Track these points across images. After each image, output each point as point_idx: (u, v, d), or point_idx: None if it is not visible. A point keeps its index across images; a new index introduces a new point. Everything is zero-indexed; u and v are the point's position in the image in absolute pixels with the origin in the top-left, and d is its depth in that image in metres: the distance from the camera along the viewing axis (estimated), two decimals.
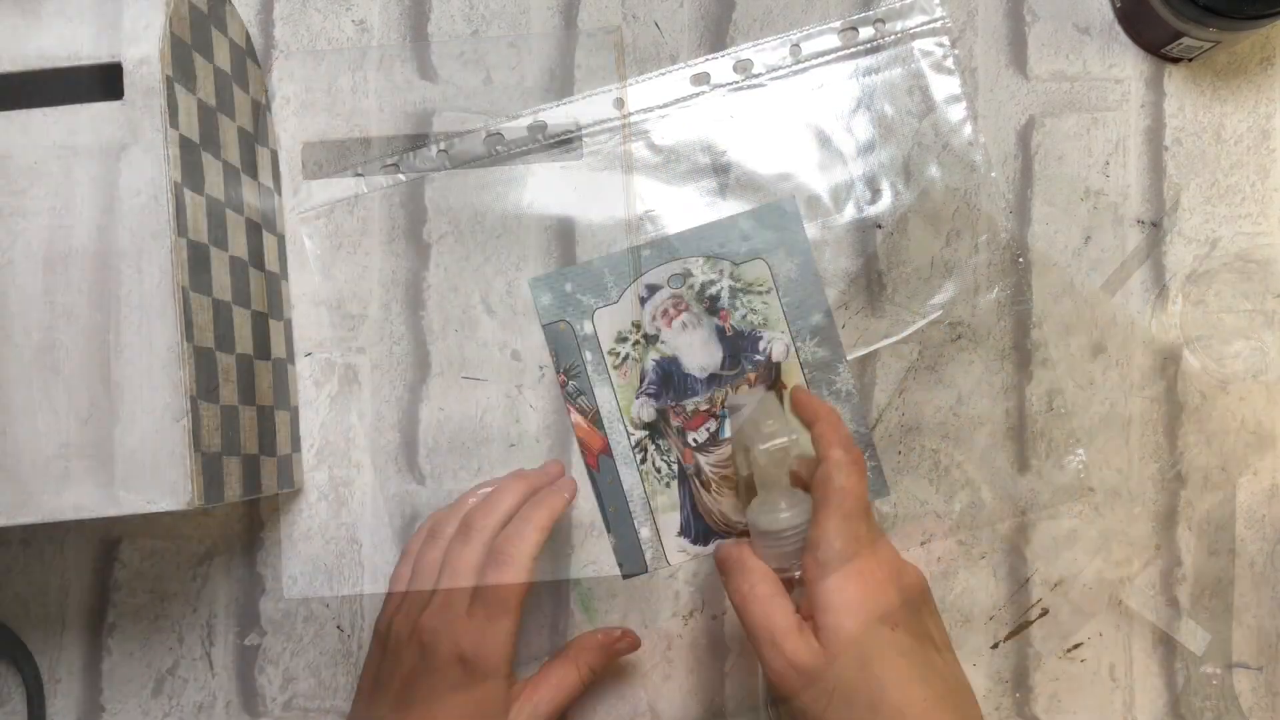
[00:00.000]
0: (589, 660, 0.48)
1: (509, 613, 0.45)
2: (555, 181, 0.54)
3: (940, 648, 0.41)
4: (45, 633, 0.54)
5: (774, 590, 0.41)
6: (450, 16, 0.55)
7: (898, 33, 0.54)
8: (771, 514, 0.42)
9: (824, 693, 0.38)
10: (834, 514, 0.40)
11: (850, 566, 0.39)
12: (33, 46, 0.41)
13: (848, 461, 0.41)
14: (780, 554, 0.42)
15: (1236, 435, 0.53)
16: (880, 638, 0.38)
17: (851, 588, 0.39)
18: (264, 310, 0.50)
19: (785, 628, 0.39)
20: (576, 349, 0.54)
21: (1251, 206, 0.54)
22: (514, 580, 0.45)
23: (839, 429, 0.43)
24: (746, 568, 0.41)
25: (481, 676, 0.44)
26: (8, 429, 0.40)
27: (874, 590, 0.39)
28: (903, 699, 0.38)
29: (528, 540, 0.46)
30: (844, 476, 0.41)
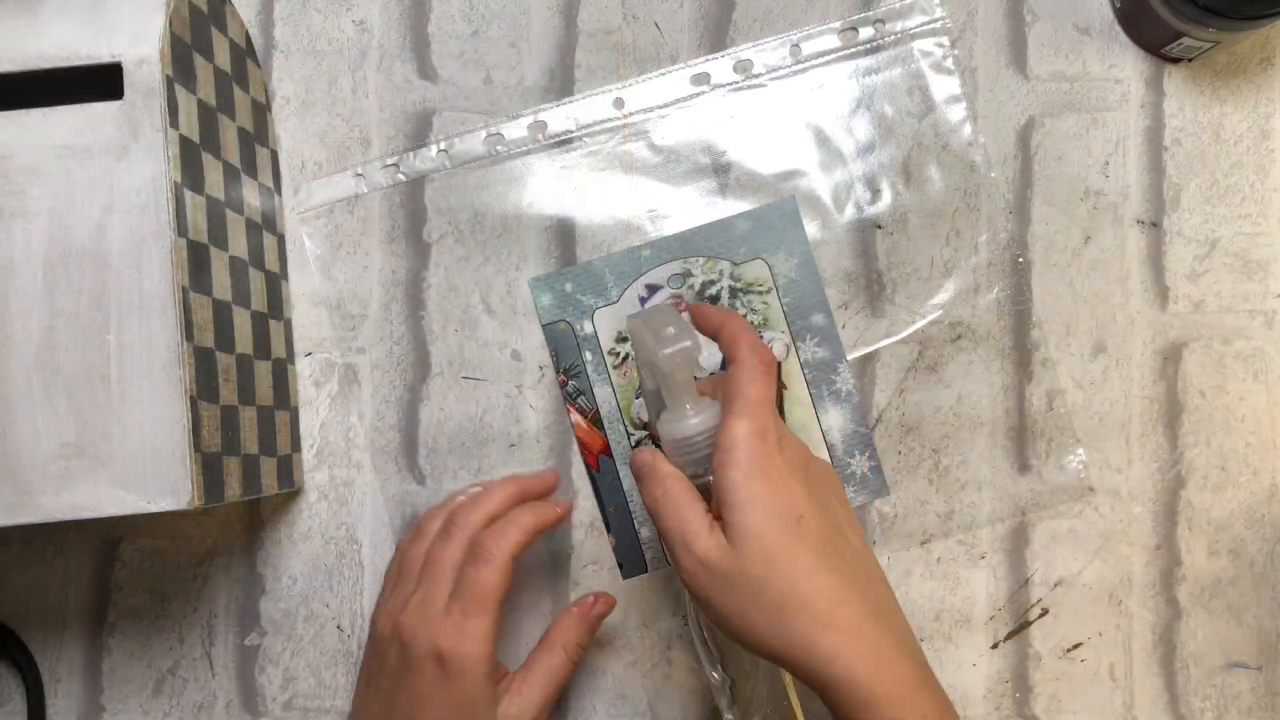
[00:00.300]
0: (572, 639, 0.48)
1: (485, 611, 0.44)
2: (555, 181, 0.54)
3: (849, 537, 0.41)
4: (45, 632, 0.54)
5: (685, 493, 0.41)
6: (450, 16, 0.55)
7: (897, 33, 0.54)
8: (680, 421, 0.42)
9: (733, 589, 0.38)
10: (740, 414, 0.40)
11: (755, 464, 0.39)
12: (33, 46, 0.41)
13: (753, 361, 0.41)
14: (693, 460, 0.42)
15: (1236, 435, 0.53)
16: (786, 531, 0.38)
17: (756, 484, 0.38)
18: (264, 310, 0.50)
19: (696, 528, 0.39)
20: (576, 349, 0.54)
21: (1251, 206, 0.54)
22: (490, 578, 0.45)
23: (744, 331, 0.43)
24: (659, 473, 0.41)
25: (459, 674, 0.44)
26: (8, 429, 0.40)
27: (779, 485, 0.39)
28: (809, 589, 0.38)
29: (508, 539, 0.46)
30: (748, 375, 0.41)
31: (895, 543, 0.53)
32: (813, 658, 0.38)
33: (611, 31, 0.55)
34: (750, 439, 0.39)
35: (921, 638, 0.53)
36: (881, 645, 0.38)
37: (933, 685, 0.39)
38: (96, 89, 0.41)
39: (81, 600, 0.54)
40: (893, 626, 0.39)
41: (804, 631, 0.38)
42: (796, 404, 0.53)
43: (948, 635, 0.53)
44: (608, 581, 0.53)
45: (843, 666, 0.37)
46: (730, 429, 0.39)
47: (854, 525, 0.42)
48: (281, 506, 0.54)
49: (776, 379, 0.41)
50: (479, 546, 0.46)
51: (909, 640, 0.40)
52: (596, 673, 0.53)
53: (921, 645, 0.52)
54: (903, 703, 0.37)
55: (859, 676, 0.37)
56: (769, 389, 0.41)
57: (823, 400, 0.53)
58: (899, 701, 0.37)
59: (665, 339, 0.42)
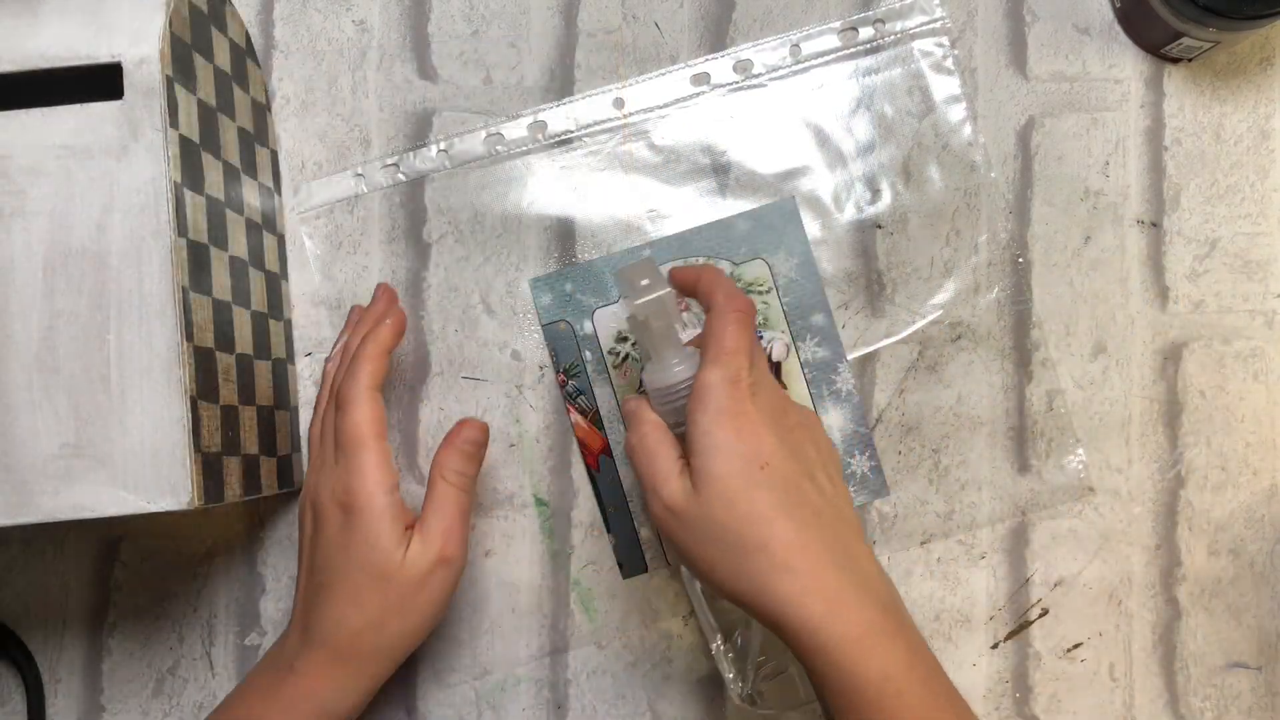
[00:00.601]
0: (449, 465, 0.47)
1: (363, 446, 0.45)
2: (555, 181, 0.54)
3: (820, 483, 0.41)
4: (46, 633, 0.54)
5: (661, 439, 0.41)
6: (450, 16, 0.55)
7: (897, 33, 0.54)
8: (663, 370, 0.43)
9: (696, 532, 0.39)
10: (712, 361, 0.40)
11: (724, 411, 0.39)
12: (33, 46, 0.41)
13: (728, 308, 0.41)
14: (674, 409, 0.42)
15: (1236, 435, 0.53)
16: (748, 477, 0.39)
17: (722, 431, 0.39)
18: (264, 310, 0.50)
19: (666, 472, 0.40)
20: (576, 349, 0.54)
21: (1251, 206, 0.54)
22: (354, 415, 0.45)
23: (720, 279, 0.43)
24: (640, 419, 0.42)
25: (357, 510, 0.44)
26: (8, 429, 0.40)
27: (746, 432, 0.39)
28: (767, 534, 0.38)
29: (359, 376, 0.46)
30: (722, 323, 0.41)
31: (895, 543, 0.53)
32: (770, 600, 0.38)
33: (611, 31, 0.55)
34: (721, 385, 0.39)
35: None
36: (842, 589, 0.38)
37: (898, 631, 0.39)
38: (96, 89, 0.41)
39: (81, 600, 0.54)
40: (857, 572, 0.39)
41: (761, 574, 0.38)
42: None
43: (948, 635, 0.53)
44: (608, 581, 0.53)
45: (797, 609, 0.38)
46: (703, 376, 0.40)
47: (831, 472, 0.42)
48: (281, 506, 0.54)
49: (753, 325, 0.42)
50: (339, 396, 0.46)
51: (875, 585, 0.40)
52: (596, 673, 0.53)
53: None
54: (859, 646, 0.37)
55: (815, 620, 0.37)
56: (744, 337, 0.41)
57: (823, 400, 0.53)
58: (856, 645, 0.37)
59: (639, 289, 0.43)
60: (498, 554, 0.53)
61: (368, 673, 0.46)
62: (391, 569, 0.44)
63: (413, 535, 0.45)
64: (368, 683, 0.46)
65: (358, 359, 0.47)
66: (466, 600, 0.53)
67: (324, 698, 0.45)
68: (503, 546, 0.54)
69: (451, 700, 0.53)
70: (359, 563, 0.45)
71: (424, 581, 0.45)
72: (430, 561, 0.45)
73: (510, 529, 0.54)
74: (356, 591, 0.45)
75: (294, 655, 0.46)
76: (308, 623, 0.46)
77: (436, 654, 0.53)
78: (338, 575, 0.45)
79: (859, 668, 0.37)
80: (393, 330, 0.49)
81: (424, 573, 0.45)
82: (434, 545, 0.45)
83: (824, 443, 0.43)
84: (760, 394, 0.40)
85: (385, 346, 0.48)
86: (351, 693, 0.46)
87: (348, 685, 0.46)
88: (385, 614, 0.45)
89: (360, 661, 0.46)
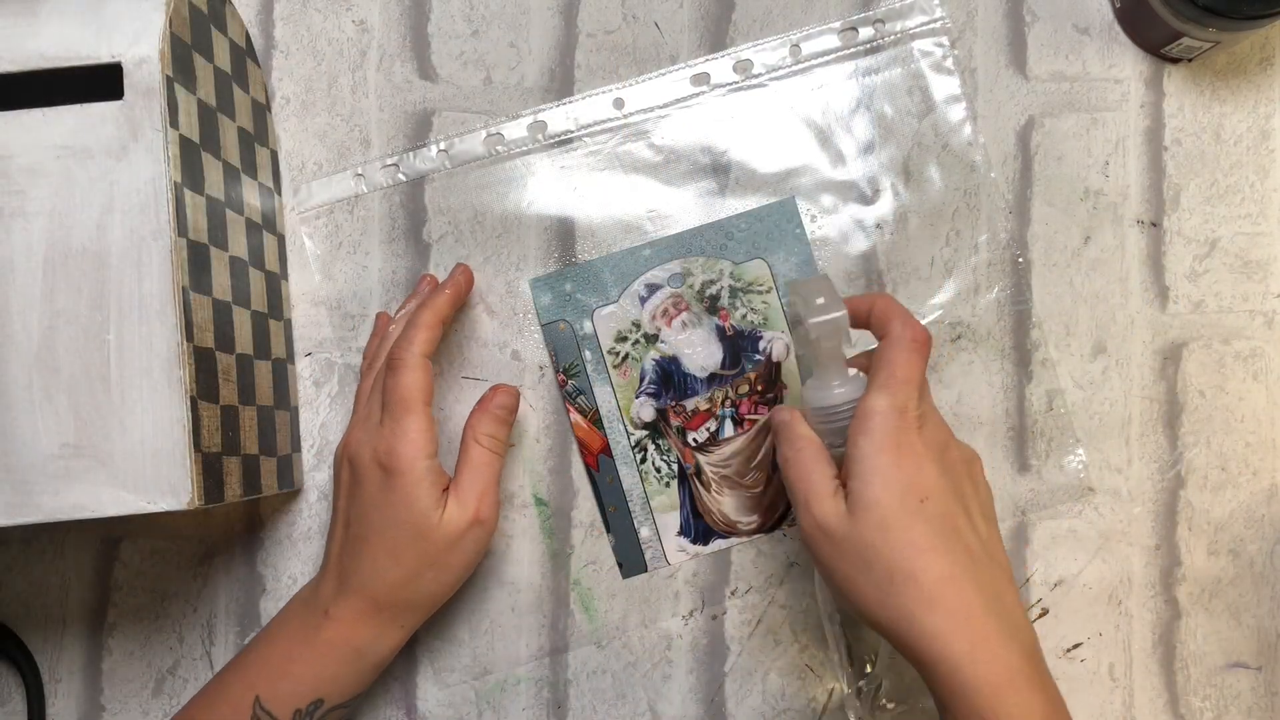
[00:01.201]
0: (480, 430, 0.48)
1: (410, 410, 0.46)
2: (555, 182, 0.54)
3: (976, 523, 0.41)
4: (45, 633, 0.54)
5: (816, 455, 0.42)
6: (450, 16, 0.55)
7: (897, 33, 0.54)
8: (824, 390, 0.43)
9: (845, 555, 0.39)
10: (881, 387, 0.40)
11: (888, 438, 0.39)
12: (33, 46, 0.41)
13: (905, 337, 0.42)
14: (832, 429, 0.43)
15: (1236, 435, 0.53)
16: (906, 506, 0.38)
17: (885, 457, 0.39)
18: (264, 310, 0.50)
19: (820, 490, 0.40)
20: (576, 349, 0.54)
21: (1251, 206, 0.54)
22: (406, 379, 0.46)
23: (896, 307, 0.43)
24: (795, 433, 0.43)
25: (398, 473, 0.45)
26: (8, 429, 0.40)
27: (908, 461, 0.39)
28: (918, 567, 0.38)
29: (414, 340, 0.47)
30: (896, 351, 0.41)
31: None
32: (914, 634, 0.38)
33: (611, 31, 0.55)
34: (888, 413, 0.40)
35: None
36: (987, 631, 0.38)
37: (1040, 682, 0.38)
38: (96, 89, 0.41)
39: (81, 600, 0.54)
40: (1005, 616, 0.39)
41: (908, 606, 0.38)
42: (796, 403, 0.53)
43: None
44: (608, 581, 0.53)
45: (942, 646, 0.37)
46: (869, 401, 0.40)
47: (987, 513, 0.42)
48: (281, 506, 0.54)
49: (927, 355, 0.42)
50: (391, 358, 0.47)
51: (1022, 633, 0.39)
52: (596, 672, 0.53)
53: None
54: (999, 691, 0.37)
55: (957, 658, 0.37)
56: (917, 367, 0.41)
57: None
58: (996, 688, 0.37)
59: (815, 308, 0.42)
60: (498, 554, 0.53)
61: (400, 622, 0.48)
62: (428, 529, 0.46)
63: (449, 497, 0.47)
64: (400, 632, 0.48)
65: (414, 324, 0.48)
66: (466, 600, 0.53)
67: (359, 643, 0.47)
68: (503, 546, 0.54)
69: (451, 700, 0.53)
70: (398, 521, 0.46)
71: (458, 541, 0.46)
72: (466, 522, 0.46)
73: (510, 529, 0.54)
74: (394, 547, 0.46)
75: (329, 601, 0.47)
76: (344, 572, 0.47)
77: (436, 654, 0.53)
78: (375, 530, 0.46)
79: (997, 713, 0.37)
80: (450, 299, 0.50)
81: (459, 533, 0.46)
82: (469, 507, 0.46)
83: (983, 483, 0.43)
84: (927, 426, 0.41)
85: (442, 315, 0.49)
86: (385, 639, 0.48)
87: (382, 633, 0.47)
88: (421, 569, 0.46)
89: (395, 611, 0.47)
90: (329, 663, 0.47)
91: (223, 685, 0.47)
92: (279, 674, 0.46)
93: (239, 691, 0.46)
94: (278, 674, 0.46)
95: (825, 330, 0.42)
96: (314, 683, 0.46)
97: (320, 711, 0.47)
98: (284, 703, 0.46)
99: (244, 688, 0.46)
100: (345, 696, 0.48)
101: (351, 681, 0.48)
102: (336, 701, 0.47)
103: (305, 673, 0.46)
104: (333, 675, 0.47)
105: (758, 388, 0.53)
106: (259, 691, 0.46)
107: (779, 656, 0.53)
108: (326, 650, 0.47)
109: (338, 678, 0.47)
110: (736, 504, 0.53)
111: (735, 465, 0.53)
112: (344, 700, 0.48)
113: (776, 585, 0.53)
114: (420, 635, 0.53)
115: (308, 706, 0.46)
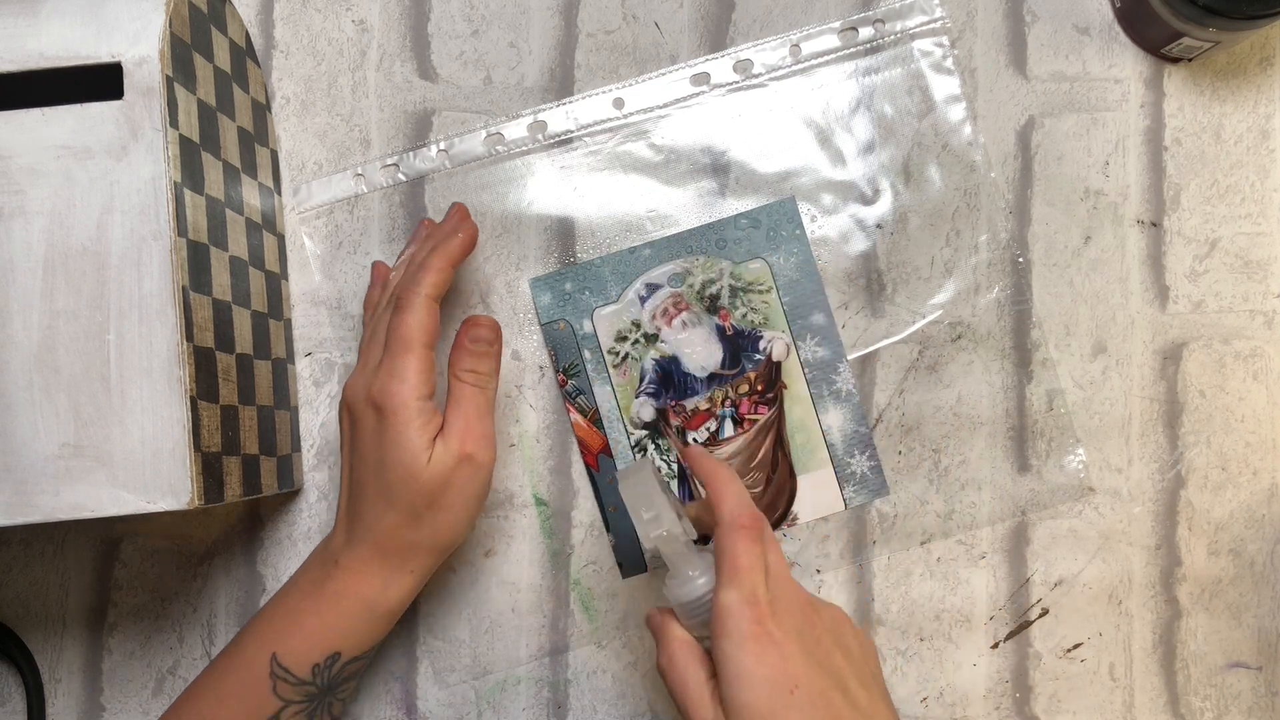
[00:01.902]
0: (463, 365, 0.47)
1: (408, 349, 0.45)
2: (555, 182, 0.54)
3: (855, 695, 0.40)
4: (45, 633, 0.54)
5: (690, 661, 0.41)
6: (450, 16, 0.55)
7: (897, 33, 0.54)
8: (682, 586, 0.42)
9: None
10: (727, 583, 0.40)
11: (746, 634, 0.39)
12: (33, 46, 0.41)
13: (735, 525, 0.41)
14: (700, 622, 0.42)
15: (1236, 435, 0.53)
16: (776, 703, 0.38)
17: (747, 657, 0.38)
18: (264, 310, 0.50)
19: (696, 699, 0.40)
20: (576, 348, 0.54)
21: (1251, 206, 0.54)
22: (408, 319, 0.45)
23: (727, 487, 0.43)
24: (667, 636, 0.42)
25: (390, 411, 0.45)
26: (8, 429, 0.40)
27: (770, 655, 0.39)
28: None
29: (421, 282, 0.46)
30: (732, 540, 0.41)
31: (895, 543, 0.53)
32: None
33: (611, 31, 0.55)
34: (740, 607, 0.39)
35: (921, 638, 0.53)
36: None
37: None
38: (96, 89, 0.41)
39: (81, 600, 0.54)
40: None
41: None
42: (796, 403, 0.53)
43: (948, 635, 0.53)
44: (608, 581, 0.53)
45: None
46: (720, 598, 0.40)
47: (863, 678, 0.41)
48: (281, 506, 0.54)
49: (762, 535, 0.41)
50: (396, 299, 0.47)
51: None
52: (596, 672, 0.53)
53: (921, 645, 0.52)
54: None
55: None
56: (755, 552, 0.40)
57: (823, 400, 0.53)
58: None
59: (646, 523, 0.42)
60: (498, 554, 0.53)
61: (409, 567, 0.47)
62: (418, 469, 0.45)
63: (438, 439, 0.46)
64: (410, 578, 0.47)
65: (423, 267, 0.47)
66: (466, 600, 0.53)
67: (368, 592, 0.46)
68: (503, 546, 0.54)
69: (451, 700, 0.53)
70: (390, 462, 0.45)
71: (449, 480, 0.45)
72: (453, 459, 0.45)
73: (510, 529, 0.54)
74: (389, 489, 0.45)
75: (339, 551, 0.47)
76: (350, 520, 0.47)
77: (436, 654, 0.53)
78: (371, 474, 0.46)
79: None
80: (462, 244, 0.49)
81: (449, 470, 0.45)
82: (454, 443, 0.45)
83: (854, 644, 0.43)
84: (780, 608, 0.40)
85: (452, 259, 0.48)
86: (394, 586, 0.47)
87: (390, 579, 0.46)
88: (418, 510, 0.45)
89: (401, 556, 0.46)
90: (340, 614, 0.46)
91: (240, 647, 0.47)
92: (293, 630, 0.46)
93: (256, 651, 0.46)
94: (291, 630, 0.46)
95: (661, 547, 0.42)
96: (328, 635, 0.46)
97: (339, 665, 0.46)
98: (301, 658, 0.46)
99: (259, 647, 0.46)
100: (362, 648, 0.47)
101: (365, 632, 0.47)
102: (354, 654, 0.47)
103: (318, 625, 0.46)
104: (348, 627, 0.46)
105: (758, 387, 0.53)
106: (275, 649, 0.46)
107: None
108: (336, 601, 0.46)
109: (352, 630, 0.46)
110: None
111: (735, 465, 0.53)
112: (361, 652, 0.47)
113: None
114: (420, 635, 0.53)
115: (325, 660, 0.46)
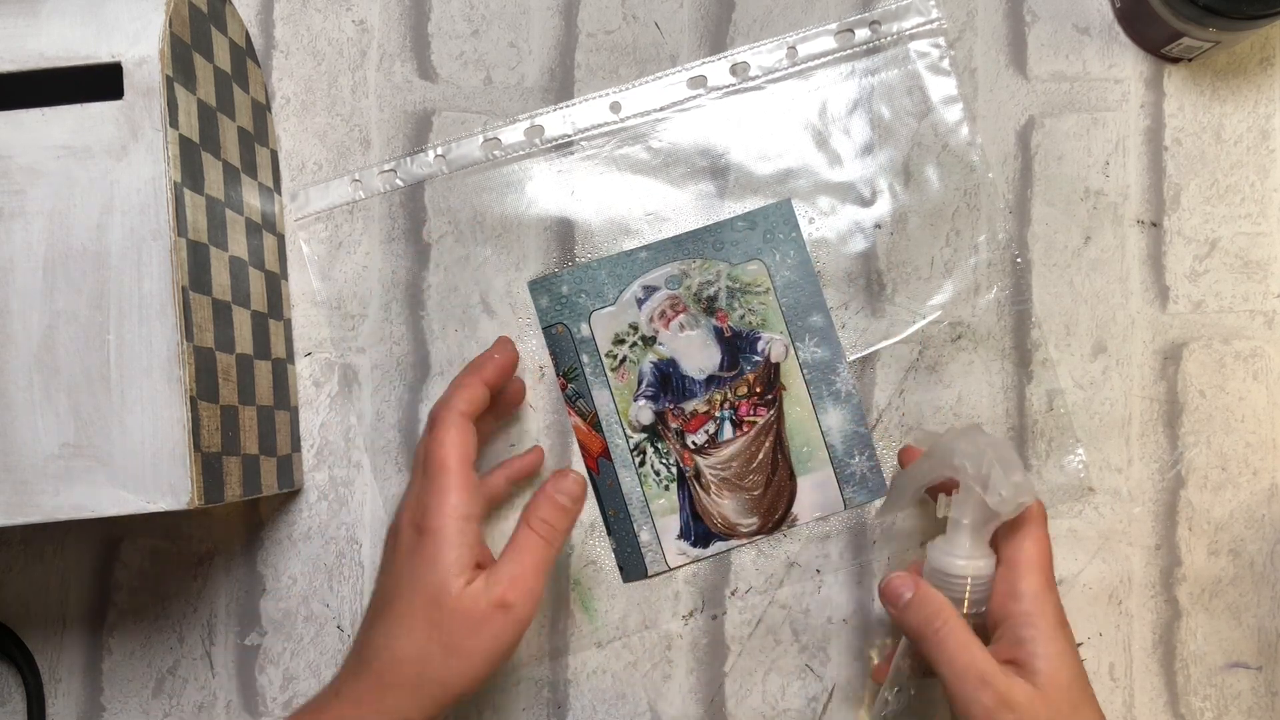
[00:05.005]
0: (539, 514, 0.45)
1: (444, 469, 0.44)
2: (553, 185, 0.54)
3: None
4: (45, 633, 0.54)
5: (965, 629, 0.43)
6: (450, 16, 0.55)
7: (894, 34, 0.54)
8: (965, 559, 0.45)
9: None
10: (1040, 567, 0.45)
11: (1059, 619, 0.44)
12: (33, 46, 0.41)
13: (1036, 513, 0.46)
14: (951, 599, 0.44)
15: (1236, 435, 0.53)
16: (1086, 687, 0.43)
17: (1062, 639, 0.43)
18: (264, 310, 0.50)
19: (993, 669, 0.42)
20: (574, 352, 0.54)
21: (1251, 206, 0.54)
22: (439, 437, 0.45)
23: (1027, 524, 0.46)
24: (933, 601, 0.44)
25: (427, 532, 0.43)
26: (8, 429, 0.40)
27: (1072, 639, 0.44)
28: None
29: (452, 401, 0.46)
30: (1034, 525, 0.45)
31: (895, 543, 0.53)
32: None
33: (611, 32, 0.55)
34: (1051, 593, 0.44)
35: None
36: None
37: None
38: (96, 89, 0.41)
39: (81, 600, 0.54)
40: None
41: None
42: (795, 404, 0.53)
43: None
44: (608, 581, 0.53)
45: None
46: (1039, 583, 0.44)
47: None
48: (281, 506, 0.54)
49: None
50: (430, 416, 0.47)
51: None
52: (596, 672, 0.53)
53: None
54: None
55: None
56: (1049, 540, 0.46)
57: (822, 400, 0.53)
58: None
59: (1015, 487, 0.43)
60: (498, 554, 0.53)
61: (412, 707, 0.42)
62: (447, 597, 0.42)
63: (481, 573, 0.43)
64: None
65: (454, 385, 0.47)
66: None
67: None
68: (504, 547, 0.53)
69: None
70: (417, 584, 0.43)
71: (479, 623, 0.42)
72: (489, 602, 0.42)
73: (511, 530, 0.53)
74: (409, 614, 0.43)
75: (342, 680, 0.44)
76: (362, 642, 0.44)
77: None
78: (393, 595, 0.43)
79: None
80: (497, 365, 0.49)
81: (480, 612, 0.42)
82: (498, 586, 0.42)
83: None
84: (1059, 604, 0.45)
85: (485, 377, 0.48)
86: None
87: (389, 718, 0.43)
88: (431, 646, 0.42)
89: (403, 693, 0.42)
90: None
91: None
92: None
93: None
94: None
95: (1010, 509, 0.44)
96: None
97: None
98: None
99: None
100: None
101: None
102: None
103: None
104: None
105: (756, 389, 0.53)
106: None
107: (779, 656, 0.53)
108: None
109: None
110: (736, 506, 0.53)
111: (735, 468, 0.53)
112: None
113: (776, 586, 0.53)
114: None
115: None
